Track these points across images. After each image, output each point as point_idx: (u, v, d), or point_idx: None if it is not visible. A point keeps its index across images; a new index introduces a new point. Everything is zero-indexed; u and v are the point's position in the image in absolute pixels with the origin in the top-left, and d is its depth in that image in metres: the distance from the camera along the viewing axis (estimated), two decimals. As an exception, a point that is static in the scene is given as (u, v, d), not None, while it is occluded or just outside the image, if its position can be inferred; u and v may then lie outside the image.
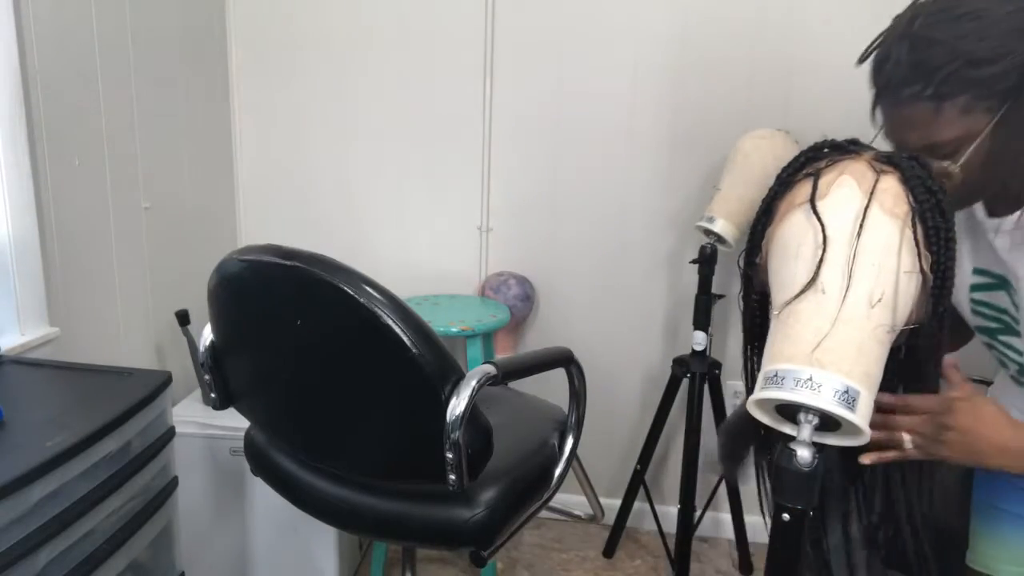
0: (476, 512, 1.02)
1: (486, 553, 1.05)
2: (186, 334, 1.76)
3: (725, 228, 1.72)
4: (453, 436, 0.91)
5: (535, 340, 2.19)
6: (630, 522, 2.10)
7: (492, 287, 2.06)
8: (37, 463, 0.91)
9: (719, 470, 1.74)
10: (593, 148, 2.04)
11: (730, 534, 2.11)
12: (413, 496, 1.05)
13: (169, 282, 1.86)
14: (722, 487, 2.06)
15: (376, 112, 2.11)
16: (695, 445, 1.82)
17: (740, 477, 1.07)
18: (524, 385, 1.40)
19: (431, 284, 2.18)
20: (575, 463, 1.29)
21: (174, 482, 1.27)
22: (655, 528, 2.12)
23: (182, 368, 1.88)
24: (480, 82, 2.04)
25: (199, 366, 1.66)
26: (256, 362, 1.09)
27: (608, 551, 2.11)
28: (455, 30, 2.02)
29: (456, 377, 0.93)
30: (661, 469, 2.22)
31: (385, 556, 1.87)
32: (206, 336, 1.15)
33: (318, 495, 1.12)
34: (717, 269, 1.83)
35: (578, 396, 1.21)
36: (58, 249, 1.46)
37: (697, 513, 1.92)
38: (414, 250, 2.18)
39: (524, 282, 2.07)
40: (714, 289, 1.84)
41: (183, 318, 1.75)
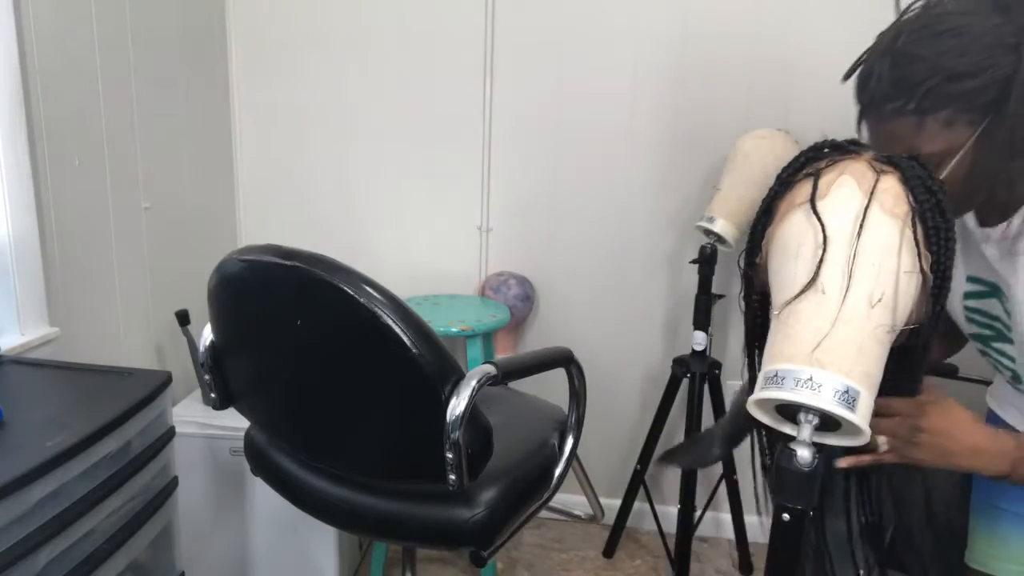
0: (476, 512, 1.02)
1: (486, 553, 1.05)
2: (186, 334, 1.76)
3: (725, 228, 1.72)
4: (453, 436, 0.91)
5: (535, 340, 2.19)
6: (630, 522, 2.10)
7: (492, 287, 2.06)
8: (37, 463, 0.91)
9: (677, 461, 1.73)
10: (593, 148, 2.04)
11: (730, 534, 2.11)
12: (413, 496, 1.05)
13: (169, 282, 1.86)
14: (722, 487, 2.05)
15: (376, 112, 2.11)
16: (695, 445, 1.83)
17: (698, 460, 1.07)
18: (524, 385, 1.40)
19: (431, 284, 2.18)
20: (575, 463, 1.29)
21: (174, 482, 1.27)
22: (655, 528, 2.12)
23: (182, 368, 1.88)
24: (480, 82, 2.04)
25: (199, 366, 1.66)
26: (256, 362, 1.09)
27: (608, 551, 2.11)
28: (455, 30, 2.02)
29: (456, 377, 0.93)
30: (661, 469, 2.22)
31: (385, 556, 1.87)
32: (206, 336, 1.15)
33: (318, 495, 1.12)
34: (717, 269, 1.83)
35: (578, 396, 1.21)
36: (58, 249, 1.46)
37: (697, 513, 1.92)
38: (414, 250, 2.18)
39: (524, 282, 2.07)
40: (714, 289, 1.84)
41: (183, 318, 1.75)
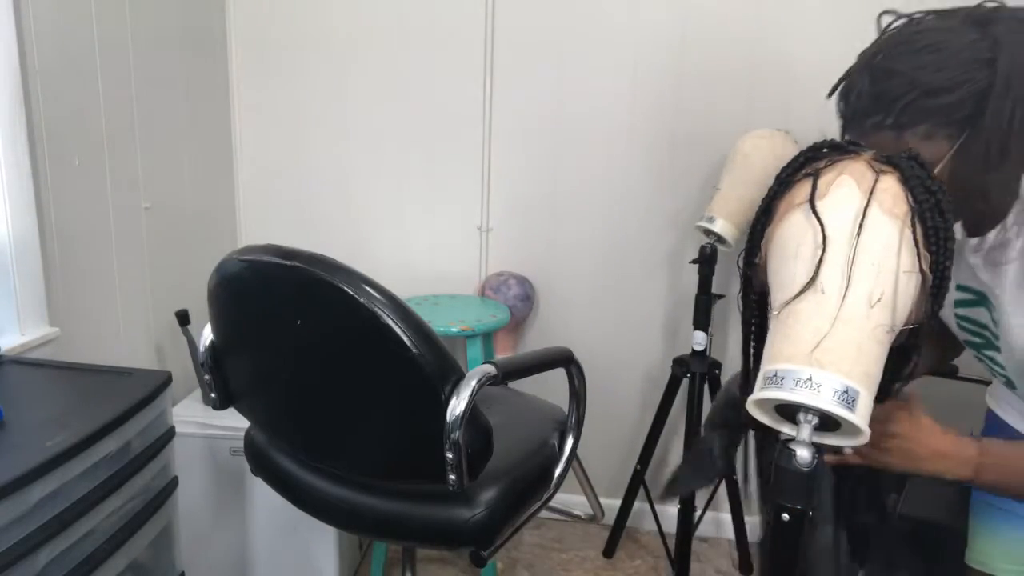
0: (476, 512, 1.02)
1: (486, 553, 1.05)
2: (186, 334, 1.76)
3: (725, 228, 1.72)
4: (453, 436, 0.91)
5: (535, 340, 2.19)
6: (630, 522, 2.10)
7: (492, 287, 2.06)
8: (37, 463, 0.91)
9: (677, 491, 1.73)
10: (593, 148, 2.04)
11: (730, 534, 2.11)
12: (413, 496, 1.05)
13: (169, 282, 1.86)
14: (722, 487, 2.06)
15: (376, 112, 2.11)
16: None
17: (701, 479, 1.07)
18: (524, 385, 1.40)
19: (431, 284, 2.18)
20: (575, 463, 1.29)
21: (174, 482, 1.27)
22: (655, 528, 2.12)
23: (182, 368, 1.88)
24: (480, 82, 2.04)
25: (199, 366, 1.67)
26: (256, 362, 1.09)
27: (608, 551, 2.11)
28: (455, 30, 2.02)
29: (456, 377, 0.93)
30: (661, 469, 2.22)
31: (385, 556, 1.87)
32: (206, 336, 1.15)
33: (318, 495, 1.12)
34: (717, 269, 1.83)
35: (578, 396, 1.21)
36: (58, 249, 1.46)
37: (697, 513, 1.92)
38: (414, 250, 2.18)
39: (524, 282, 2.07)
40: (714, 289, 1.84)
41: (183, 318, 1.75)
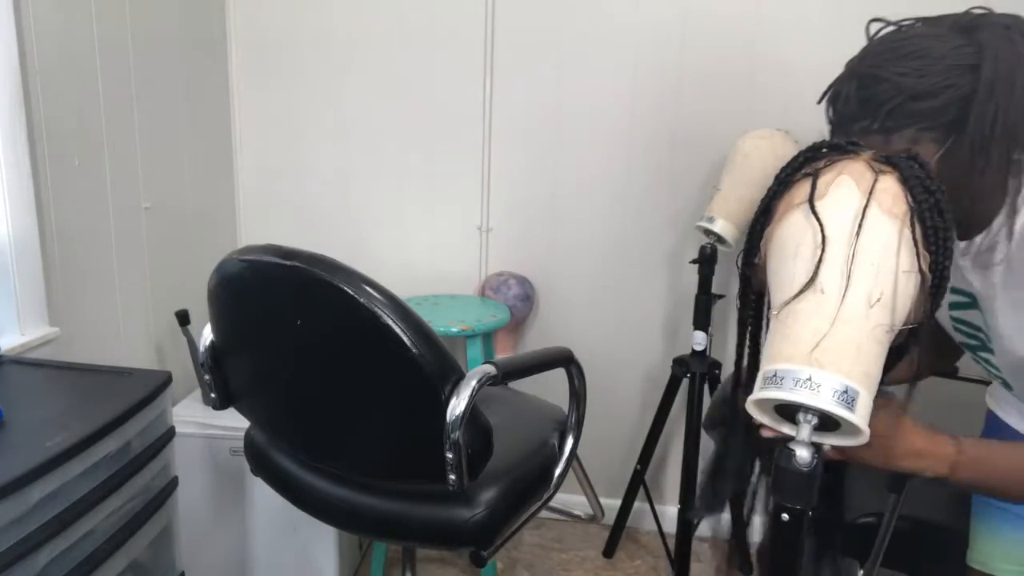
0: (476, 512, 1.02)
1: (486, 553, 1.05)
2: (186, 334, 1.76)
3: (725, 228, 1.72)
4: (453, 436, 0.91)
5: (535, 340, 2.19)
6: (630, 522, 2.10)
7: (492, 287, 2.06)
8: (37, 463, 0.91)
9: (705, 512, 1.73)
10: (593, 148, 2.04)
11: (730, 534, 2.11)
12: (413, 496, 1.05)
13: (169, 282, 1.86)
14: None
15: (376, 112, 2.11)
16: (695, 445, 1.82)
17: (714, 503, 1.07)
18: (524, 385, 1.40)
19: (431, 284, 2.18)
20: (575, 463, 1.29)
21: (174, 482, 1.27)
22: (655, 528, 2.12)
23: (182, 368, 1.88)
24: (480, 82, 2.04)
25: (199, 366, 1.67)
26: (256, 362, 1.09)
27: (608, 551, 2.11)
28: (455, 30, 2.02)
29: (456, 377, 0.93)
30: (661, 469, 2.22)
31: (385, 556, 1.87)
32: (206, 336, 1.15)
33: (318, 495, 1.12)
34: (717, 269, 1.83)
35: (578, 396, 1.21)
36: (58, 249, 1.46)
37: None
38: (414, 250, 2.18)
39: (524, 282, 2.07)
40: (714, 289, 1.84)
41: (183, 318, 1.75)
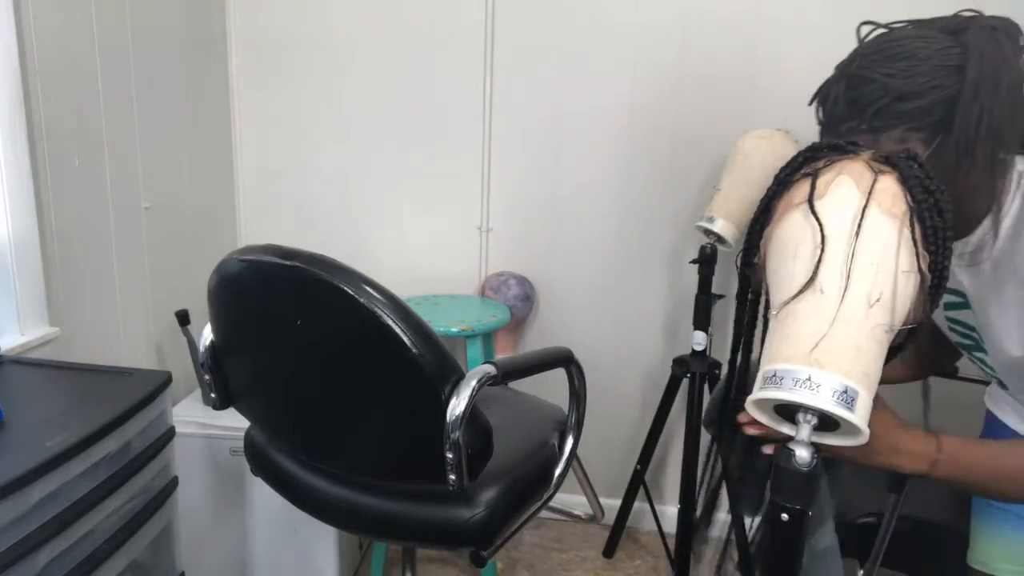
0: (476, 512, 1.02)
1: (486, 553, 1.05)
2: (186, 334, 1.76)
3: (725, 228, 1.72)
4: (453, 436, 0.91)
5: (535, 340, 2.19)
6: (630, 522, 2.10)
7: (492, 287, 2.06)
8: (37, 463, 0.91)
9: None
10: (593, 148, 2.04)
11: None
12: (413, 496, 1.05)
13: (169, 282, 1.86)
14: (722, 488, 2.05)
15: (376, 112, 2.11)
16: (695, 445, 1.82)
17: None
18: (524, 385, 1.40)
19: (431, 284, 2.18)
20: (575, 463, 1.29)
21: (174, 482, 1.27)
22: (655, 528, 2.12)
23: (182, 368, 1.88)
24: (480, 82, 2.04)
25: (199, 366, 1.67)
26: (256, 362, 1.09)
27: (608, 551, 2.11)
28: (455, 30, 2.02)
29: (456, 377, 0.93)
30: (661, 469, 2.22)
31: (385, 556, 1.87)
32: (206, 336, 1.15)
33: (318, 495, 1.12)
34: (717, 269, 1.83)
35: (578, 396, 1.21)
36: (58, 249, 1.46)
37: (697, 513, 1.92)
38: (414, 250, 2.18)
39: (524, 282, 2.07)
40: (714, 289, 1.84)
41: (183, 318, 1.75)
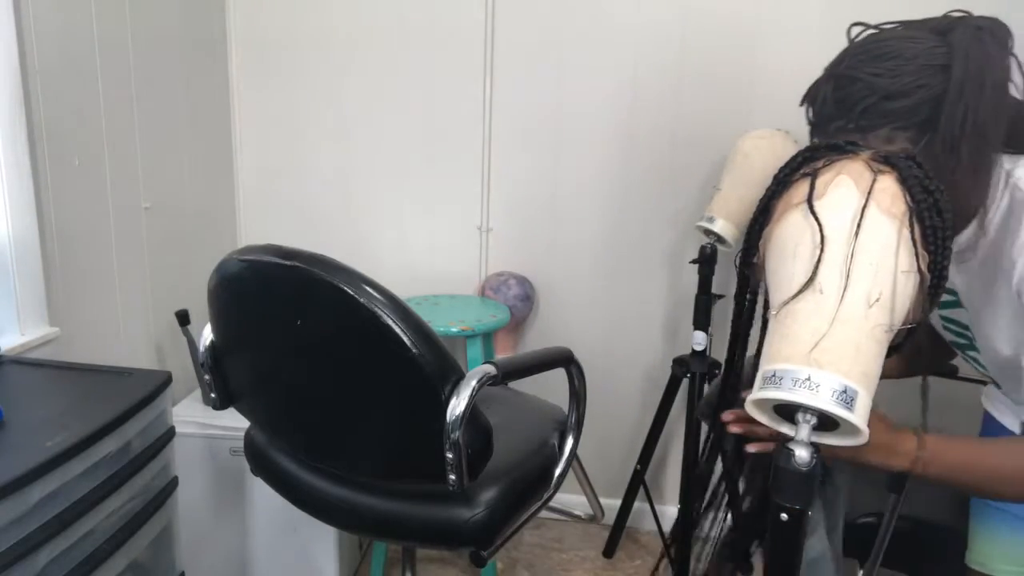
0: (476, 512, 1.02)
1: (486, 553, 1.05)
2: (186, 334, 1.76)
3: (725, 228, 1.72)
4: (453, 436, 0.91)
5: (535, 340, 2.19)
6: (630, 522, 2.10)
7: (492, 287, 2.06)
8: (37, 463, 0.91)
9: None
10: (593, 148, 2.04)
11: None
12: (413, 496, 1.05)
13: (169, 282, 1.86)
14: (722, 488, 2.05)
15: (376, 112, 2.11)
16: (695, 445, 1.82)
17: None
18: (524, 385, 1.40)
19: (431, 284, 2.18)
20: (575, 463, 1.29)
21: (174, 482, 1.27)
22: (655, 528, 2.12)
23: (182, 368, 1.88)
24: (480, 82, 2.04)
25: (199, 366, 1.67)
26: (256, 362, 1.09)
27: (608, 551, 2.11)
28: (455, 30, 2.02)
29: (456, 377, 0.93)
30: (661, 469, 2.22)
31: (385, 556, 1.87)
32: (206, 336, 1.15)
33: (318, 495, 1.12)
34: (717, 269, 1.83)
35: (578, 396, 1.21)
36: (58, 249, 1.46)
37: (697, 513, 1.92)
38: (414, 250, 2.18)
39: (524, 282, 2.07)
40: (714, 289, 1.84)
41: (183, 318, 1.75)
